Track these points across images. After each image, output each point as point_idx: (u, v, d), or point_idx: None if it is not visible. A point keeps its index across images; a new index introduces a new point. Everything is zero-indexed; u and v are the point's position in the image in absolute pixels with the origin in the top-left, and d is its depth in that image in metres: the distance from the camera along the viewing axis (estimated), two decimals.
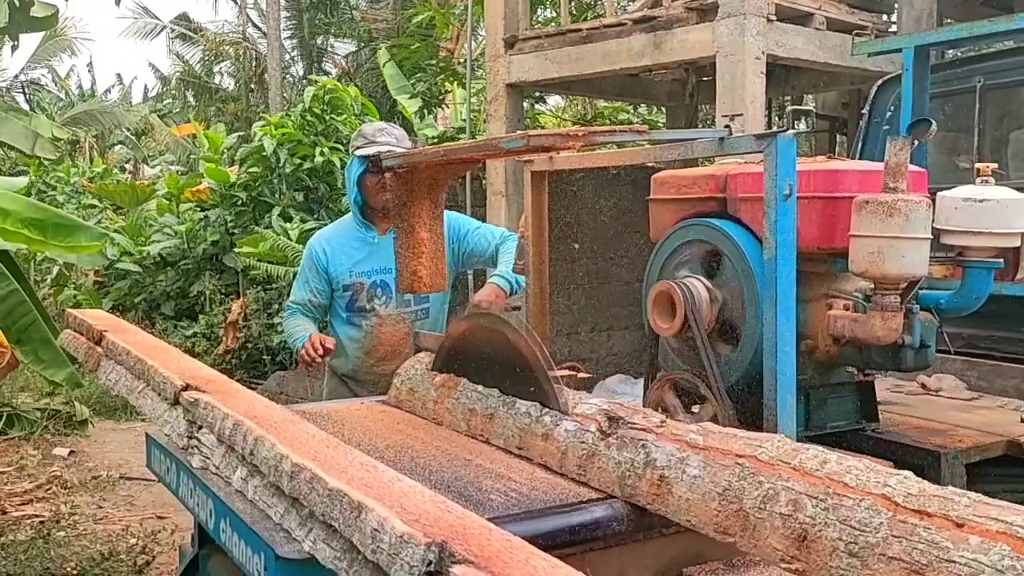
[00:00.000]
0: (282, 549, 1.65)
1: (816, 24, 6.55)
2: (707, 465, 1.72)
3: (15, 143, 8.20)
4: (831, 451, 1.66)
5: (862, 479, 1.51)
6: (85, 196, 15.54)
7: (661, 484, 1.79)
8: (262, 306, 10.21)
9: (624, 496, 1.88)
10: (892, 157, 2.41)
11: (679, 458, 1.79)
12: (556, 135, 2.28)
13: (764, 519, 1.58)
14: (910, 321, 2.49)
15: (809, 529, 1.50)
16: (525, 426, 2.21)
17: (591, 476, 1.97)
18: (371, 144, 3.50)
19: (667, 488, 1.78)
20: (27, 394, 8.22)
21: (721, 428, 1.87)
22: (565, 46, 7.20)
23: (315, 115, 10.55)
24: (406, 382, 2.76)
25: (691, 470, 1.74)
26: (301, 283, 3.67)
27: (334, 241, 3.64)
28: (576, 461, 2.02)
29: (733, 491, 1.65)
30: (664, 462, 1.81)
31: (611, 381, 7.64)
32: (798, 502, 1.54)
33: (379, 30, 19.32)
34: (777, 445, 1.70)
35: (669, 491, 1.78)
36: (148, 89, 28.37)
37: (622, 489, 1.89)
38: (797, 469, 1.60)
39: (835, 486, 1.52)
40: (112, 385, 2.69)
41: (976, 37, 4.24)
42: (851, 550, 1.43)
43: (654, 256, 2.91)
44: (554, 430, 2.11)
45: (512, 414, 2.26)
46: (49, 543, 4.79)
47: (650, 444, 1.86)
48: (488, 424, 2.33)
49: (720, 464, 1.70)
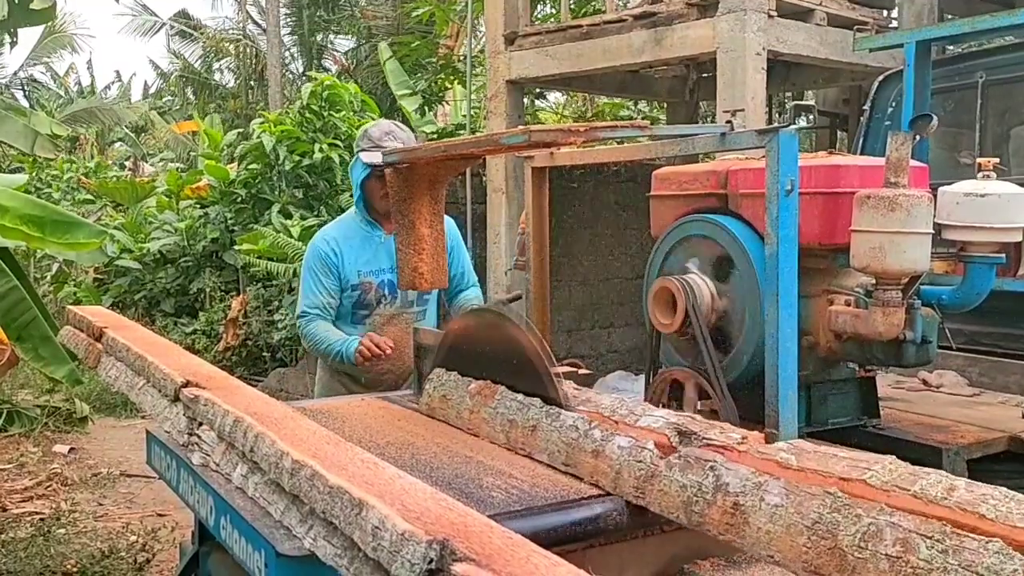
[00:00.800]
0: (282, 546, 1.64)
1: (817, 20, 6.53)
2: (790, 492, 1.52)
3: (14, 142, 8.19)
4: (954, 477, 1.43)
5: (1000, 510, 1.28)
6: (80, 192, 15.53)
7: (735, 513, 1.59)
8: (262, 303, 10.21)
9: (692, 524, 1.69)
10: (893, 152, 2.41)
11: (755, 483, 1.58)
12: (558, 131, 2.27)
13: (866, 560, 1.36)
14: (911, 317, 2.49)
15: None
16: (572, 441, 2.01)
17: (651, 499, 1.77)
18: (377, 148, 3.36)
19: (743, 518, 1.57)
20: (27, 391, 8.21)
21: (818, 447, 1.65)
22: (565, 42, 7.19)
23: (313, 112, 10.55)
24: (439, 388, 2.56)
25: (771, 498, 1.53)
26: (313, 286, 3.47)
27: (341, 240, 3.51)
28: (632, 482, 1.82)
29: (824, 524, 1.44)
30: (738, 487, 1.59)
31: (612, 377, 7.65)
32: (908, 541, 1.32)
33: (379, 27, 19.30)
34: (890, 468, 1.48)
35: (745, 521, 1.56)
36: (148, 86, 28.37)
37: (688, 516, 1.68)
38: (919, 497, 1.38)
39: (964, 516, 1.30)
40: (112, 382, 2.69)
41: (977, 32, 4.24)
42: None
43: (655, 252, 2.90)
44: (605, 446, 1.92)
45: (557, 427, 2.08)
46: (49, 540, 4.79)
47: (720, 466, 1.65)
48: (530, 437, 2.15)
49: (806, 492, 1.49)
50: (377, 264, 3.50)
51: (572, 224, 7.80)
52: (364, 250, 3.52)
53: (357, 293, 3.50)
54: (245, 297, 10.37)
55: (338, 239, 3.51)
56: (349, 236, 3.53)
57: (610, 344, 8.56)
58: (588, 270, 8.27)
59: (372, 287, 3.50)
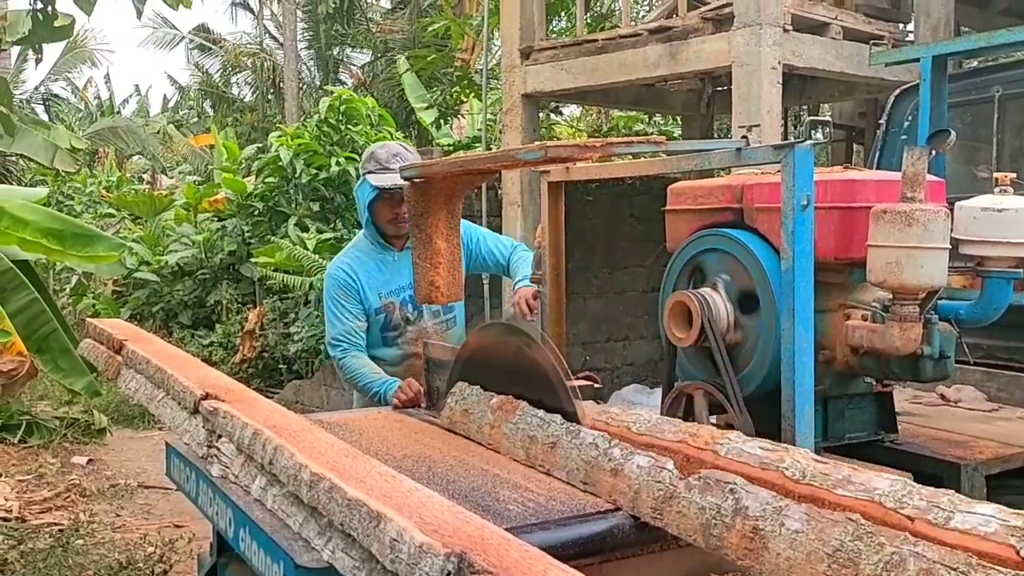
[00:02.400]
0: (301, 558, 1.66)
1: (832, 34, 6.53)
2: (811, 518, 1.50)
3: (35, 155, 8.28)
4: None
5: None
6: (102, 206, 15.68)
7: (754, 538, 1.56)
8: (278, 315, 10.26)
9: (709, 548, 1.67)
10: (910, 167, 2.40)
11: (775, 507, 1.57)
12: (574, 146, 2.29)
13: None
14: (929, 331, 2.48)
15: None
16: (592, 459, 2.01)
17: (669, 521, 1.76)
18: (384, 171, 3.34)
19: (762, 543, 1.55)
20: (46, 403, 8.27)
21: None
22: (581, 56, 7.21)
23: (331, 125, 10.62)
24: (460, 403, 2.58)
25: (791, 523, 1.52)
26: (339, 314, 3.43)
27: (356, 266, 3.48)
28: (651, 503, 1.81)
29: (846, 552, 1.41)
30: (758, 511, 1.58)
31: (627, 391, 7.64)
32: (932, 572, 1.30)
33: (395, 40, 19.42)
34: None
35: (764, 546, 1.54)
36: (167, 99, 28.61)
37: (707, 540, 1.67)
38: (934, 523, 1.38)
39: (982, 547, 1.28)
40: (132, 394, 2.71)
41: (994, 47, 4.23)
42: None
43: (671, 266, 2.91)
44: (624, 465, 1.91)
45: (576, 445, 2.08)
46: (68, 551, 4.82)
47: (739, 488, 1.64)
48: (550, 454, 2.15)
49: (828, 518, 1.48)
50: (396, 283, 3.48)
51: (587, 237, 7.81)
52: (380, 272, 3.49)
53: (382, 316, 3.47)
54: (262, 309, 10.42)
55: (352, 265, 3.47)
56: (363, 260, 3.49)
57: (625, 357, 8.55)
58: (603, 283, 8.27)
59: (395, 307, 3.48)
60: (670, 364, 2.88)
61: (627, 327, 8.49)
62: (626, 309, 8.43)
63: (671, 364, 2.88)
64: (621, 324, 8.46)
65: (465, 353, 2.70)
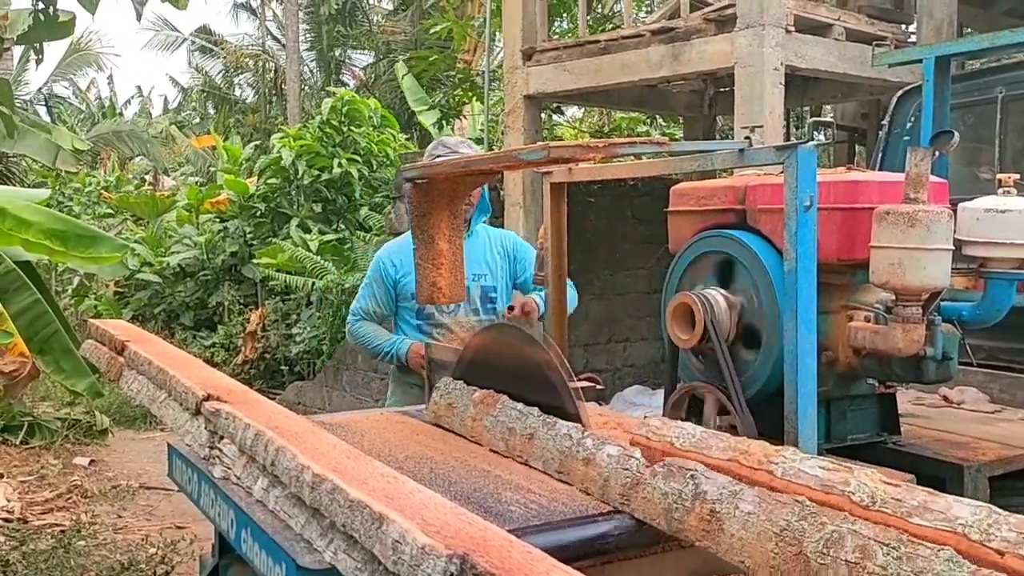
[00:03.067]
0: (303, 559, 1.65)
1: (835, 35, 6.53)
2: (762, 501, 1.60)
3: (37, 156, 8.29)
4: None
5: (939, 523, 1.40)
6: (100, 206, 15.69)
7: (712, 519, 1.66)
8: (280, 317, 10.26)
9: (671, 531, 1.76)
10: (913, 168, 2.40)
11: (731, 491, 1.66)
12: (576, 147, 2.28)
13: (827, 565, 1.44)
14: (932, 333, 2.47)
15: None
16: (566, 449, 2.10)
17: (635, 506, 1.85)
18: (453, 155, 3.49)
19: (718, 524, 1.64)
20: (48, 403, 8.28)
21: None
22: (583, 57, 7.21)
23: (333, 127, 10.62)
24: (445, 396, 2.68)
25: (745, 505, 1.62)
26: (367, 293, 3.74)
27: (403, 253, 3.56)
28: (619, 489, 1.91)
29: (792, 532, 1.51)
30: (715, 495, 1.68)
31: (629, 392, 7.63)
32: (867, 548, 1.40)
33: (397, 42, 19.44)
34: None
35: (720, 528, 1.64)
36: (168, 101, 28.64)
37: (669, 523, 1.76)
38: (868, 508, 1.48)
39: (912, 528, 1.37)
40: (134, 395, 2.71)
41: (997, 48, 4.22)
42: None
43: (673, 268, 2.90)
44: (596, 454, 2.01)
45: (552, 436, 2.17)
46: (70, 552, 4.82)
47: (700, 475, 1.74)
48: (527, 445, 2.25)
49: (778, 500, 1.58)
50: None
51: (589, 239, 7.80)
52: None
53: None
54: (263, 311, 10.43)
55: (399, 253, 3.65)
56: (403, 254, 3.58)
57: (626, 358, 8.54)
58: (605, 284, 8.26)
59: None
60: (673, 365, 2.88)
61: (628, 328, 8.48)
62: (628, 310, 8.43)
63: (674, 365, 2.88)
64: (623, 325, 8.45)
65: (468, 354, 2.70)
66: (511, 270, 3.74)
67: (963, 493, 2.64)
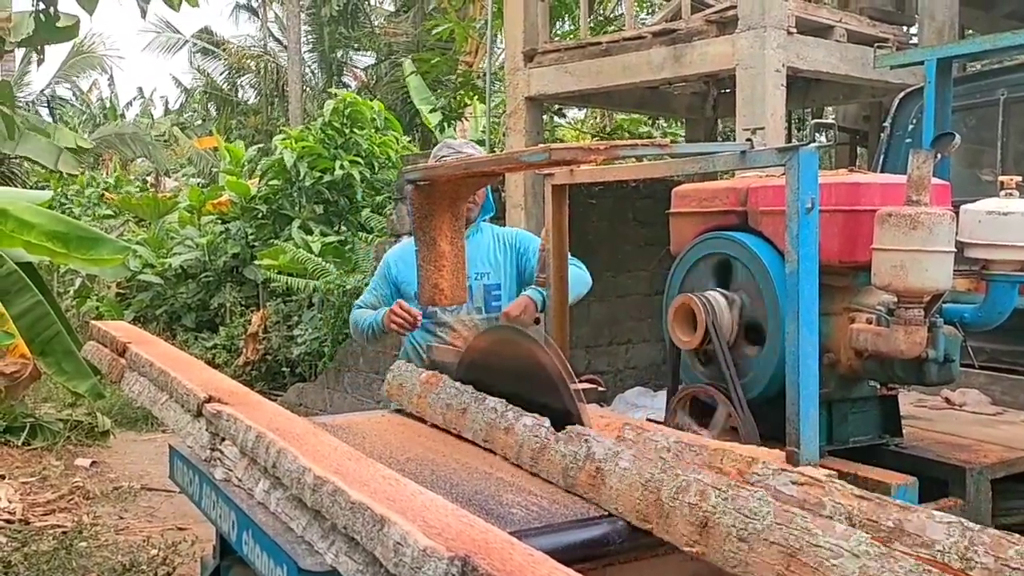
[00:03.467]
0: (304, 562, 1.65)
1: (837, 36, 6.52)
2: (637, 459, 1.89)
3: (38, 158, 8.31)
4: None
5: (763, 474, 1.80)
6: (101, 207, 15.70)
7: (597, 475, 1.95)
8: (282, 318, 10.27)
9: (566, 487, 2.03)
10: (915, 170, 2.40)
11: (614, 452, 1.95)
12: (578, 148, 2.28)
13: (676, 507, 1.74)
14: (934, 335, 2.47)
15: (710, 516, 1.66)
16: (491, 420, 2.37)
17: (542, 467, 2.13)
18: (457, 154, 3.54)
19: (602, 479, 1.93)
20: (50, 405, 8.28)
21: None
22: (584, 59, 7.21)
23: (335, 128, 10.62)
24: (397, 377, 2.94)
25: (623, 463, 1.91)
26: (371, 288, 3.83)
27: (409, 253, 3.54)
28: (530, 453, 2.18)
29: (654, 483, 1.80)
30: (602, 455, 1.96)
31: (630, 394, 7.63)
32: (705, 492, 1.70)
33: (399, 43, 19.45)
34: None
35: (603, 482, 1.92)
36: (170, 102, 28.66)
37: (565, 480, 2.04)
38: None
39: None
40: (135, 396, 2.71)
41: (999, 49, 4.21)
42: (741, 535, 1.60)
43: (675, 269, 2.90)
44: (515, 424, 2.28)
45: (481, 409, 2.43)
46: (71, 553, 4.82)
47: (592, 439, 2.02)
48: (460, 418, 2.51)
49: (647, 458, 1.88)
50: None
51: (591, 240, 7.80)
52: None
53: None
54: (265, 312, 10.43)
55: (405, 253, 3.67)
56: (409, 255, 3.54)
57: (628, 360, 8.53)
58: (606, 286, 8.25)
59: None
60: (674, 367, 2.88)
61: (630, 330, 8.48)
62: (629, 312, 8.43)
63: (675, 367, 2.88)
64: (624, 327, 8.45)
65: (468, 356, 2.70)
66: (516, 265, 3.72)
67: (965, 496, 2.64)
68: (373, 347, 3.75)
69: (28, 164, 13.64)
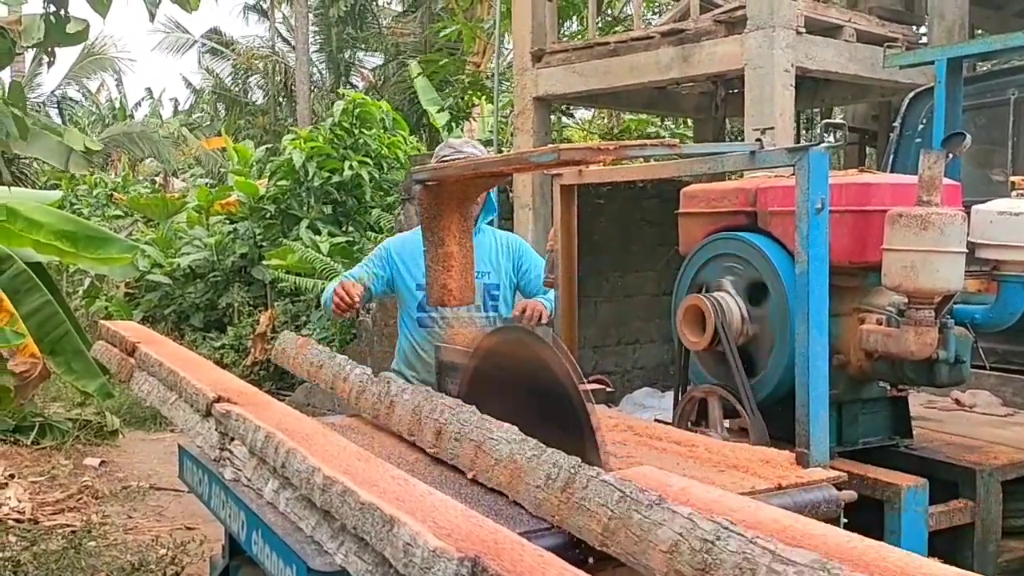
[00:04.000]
0: (314, 562, 1.65)
1: (846, 36, 6.50)
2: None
3: (49, 159, 8.31)
4: None
5: None
6: (110, 207, 15.73)
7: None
8: (290, 318, 10.28)
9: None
10: (926, 170, 2.39)
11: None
12: (587, 149, 2.28)
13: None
14: (944, 336, 2.46)
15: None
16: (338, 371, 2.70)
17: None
18: (458, 155, 3.54)
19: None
20: (59, 404, 8.31)
21: None
22: (593, 59, 7.20)
23: (344, 129, 10.63)
24: (281, 343, 3.24)
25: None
26: (363, 264, 3.85)
27: (410, 243, 3.65)
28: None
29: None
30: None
31: (638, 394, 7.62)
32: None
33: (406, 44, 19.46)
34: None
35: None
36: (179, 102, 28.72)
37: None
38: None
39: None
40: (145, 396, 2.72)
41: (1010, 49, 4.19)
42: None
43: (684, 270, 2.90)
44: (350, 375, 2.65)
45: (333, 367, 2.75)
46: (80, 553, 4.83)
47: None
48: (318, 373, 2.84)
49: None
50: None
51: (599, 241, 7.79)
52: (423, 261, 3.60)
53: (422, 293, 3.55)
54: (273, 312, 10.45)
55: (406, 243, 3.73)
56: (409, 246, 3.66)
57: (635, 360, 8.52)
58: (614, 286, 8.25)
59: None
60: (682, 368, 2.87)
61: (638, 330, 8.47)
62: (637, 312, 8.42)
63: (683, 368, 2.87)
64: (632, 327, 8.44)
65: (477, 357, 2.69)
66: (515, 273, 3.74)
67: (975, 497, 2.63)
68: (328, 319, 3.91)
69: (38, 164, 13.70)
